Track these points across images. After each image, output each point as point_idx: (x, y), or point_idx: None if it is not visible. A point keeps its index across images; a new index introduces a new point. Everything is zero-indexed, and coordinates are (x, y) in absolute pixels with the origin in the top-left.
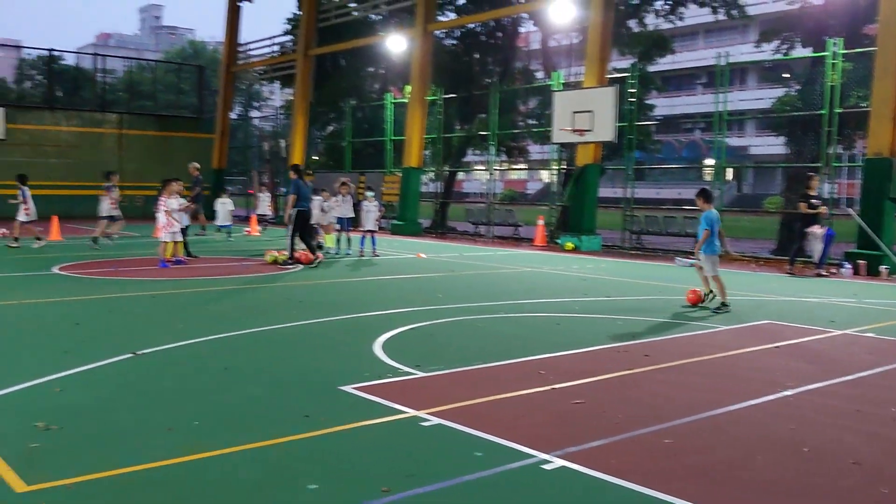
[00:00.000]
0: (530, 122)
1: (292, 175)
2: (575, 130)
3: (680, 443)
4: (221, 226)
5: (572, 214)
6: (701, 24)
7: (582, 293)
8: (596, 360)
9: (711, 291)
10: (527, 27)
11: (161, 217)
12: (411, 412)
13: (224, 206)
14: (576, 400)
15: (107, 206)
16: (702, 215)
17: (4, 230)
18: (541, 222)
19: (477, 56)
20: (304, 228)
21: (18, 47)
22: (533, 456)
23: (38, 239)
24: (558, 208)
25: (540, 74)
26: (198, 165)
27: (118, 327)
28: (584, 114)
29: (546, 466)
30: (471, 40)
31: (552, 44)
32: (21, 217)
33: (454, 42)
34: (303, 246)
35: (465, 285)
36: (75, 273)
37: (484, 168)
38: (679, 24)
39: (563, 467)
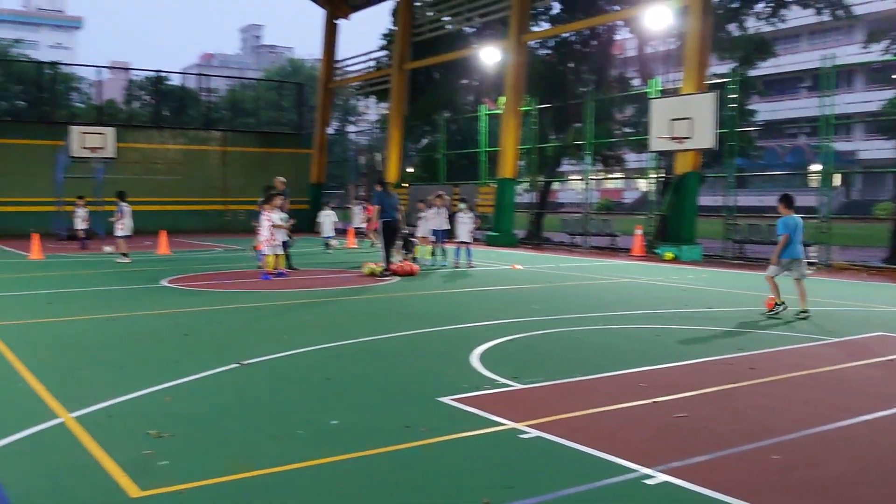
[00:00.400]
0: (627, 130)
1: (378, 187)
2: (673, 138)
3: (788, 458)
4: (327, 237)
5: (671, 224)
6: (804, 25)
7: (682, 304)
8: (698, 372)
9: (784, 302)
10: (622, 34)
11: (265, 231)
12: (510, 424)
13: (328, 218)
14: (678, 414)
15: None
16: (779, 220)
17: (111, 247)
18: (638, 232)
19: (571, 65)
20: (391, 239)
21: (127, 69)
22: (634, 470)
23: (125, 255)
24: (656, 217)
25: (636, 82)
26: (283, 179)
27: (224, 338)
28: (683, 121)
29: (648, 481)
30: (565, 49)
31: (648, 50)
32: (118, 232)
33: (548, 52)
34: (398, 258)
35: (561, 296)
36: (183, 286)
37: (579, 178)
38: (781, 26)
39: (667, 482)
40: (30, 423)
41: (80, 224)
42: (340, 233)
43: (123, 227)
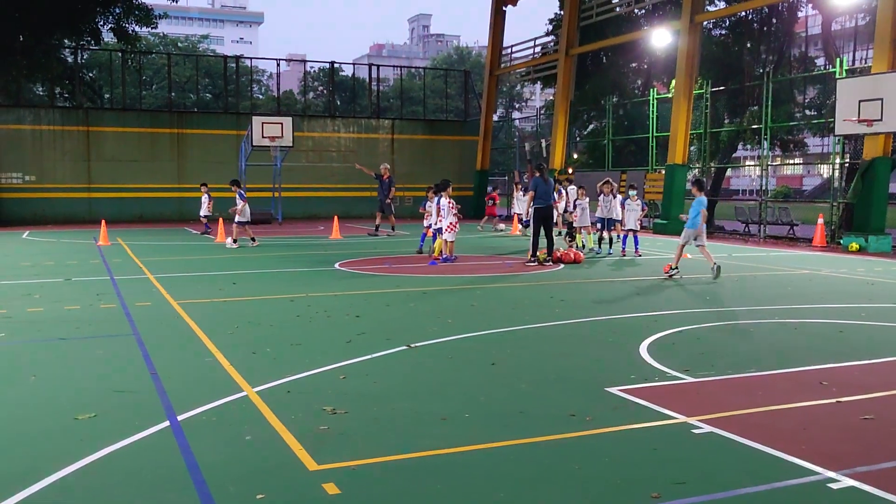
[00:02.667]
0: (808, 113)
1: (535, 173)
2: (861, 121)
3: None
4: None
5: (858, 212)
6: None
7: (868, 299)
8: (888, 372)
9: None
10: (805, 11)
11: (450, 217)
12: (681, 418)
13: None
14: (865, 415)
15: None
16: (695, 201)
17: (231, 241)
18: (820, 221)
19: (748, 45)
20: (545, 226)
21: (303, 61)
22: (817, 473)
23: (252, 240)
24: (841, 206)
25: (820, 61)
26: (387, 166)
27: (393, 320)
28: (873, 102)
29: (833, 485)
30: (741, 29)
31: (835, 27)
32: (237, 219)
33: (723, 32)
34: (562, 244)
35: (735, 288)
36: (354, 269)
37: (755, 163)
38: None
39: (853, 487)
40: (217, 396)
41: (204, 210)
42: (505, 220)
43: (241, 213)
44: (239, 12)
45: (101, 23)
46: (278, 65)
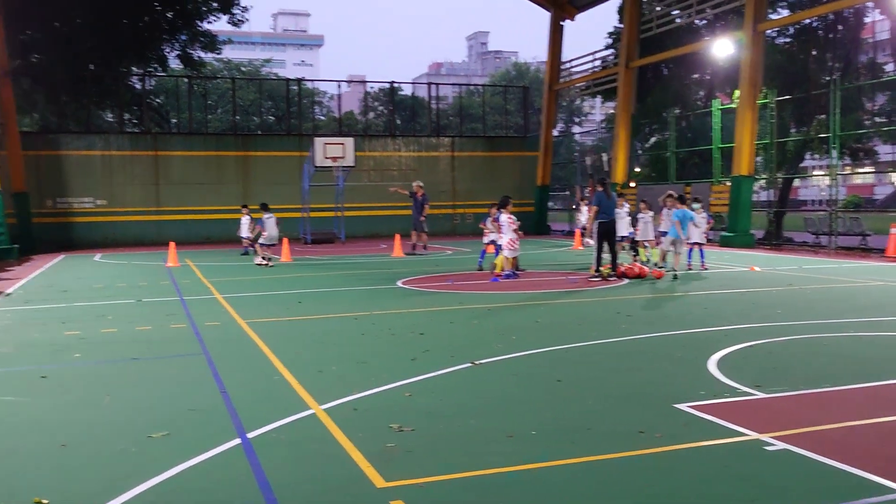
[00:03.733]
0: (878, 120)
1: (598, 188)
2: None
3: None
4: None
5: None
6: None
7: None
8: None
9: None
10: (872, 16)
11: (510, 233)
12: (753, 435)
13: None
14: None
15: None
16: (675, 212)
17: (262, 260)
18: (893, 231)
19: (814, 53)
20: (609, 240)
21: (364, 82)
22: None
23: (268, 261)
24: None
25: (889, 67)
26: (420, 184)
27: (458, 338)
28: None
29: None
30: (806, 36)
31: None
32: (261, 241)
33: (787, 40)
34: (626, 259)
35: (806, 300)
36: (416, 287)
37: (824, 173)
38: None
39: None
40: (285, 414)
41: (245, 232)
42: (566, 235)
43: (265, 236)
44: (300, 36)
45: (168, 50)
46: (339, 86)
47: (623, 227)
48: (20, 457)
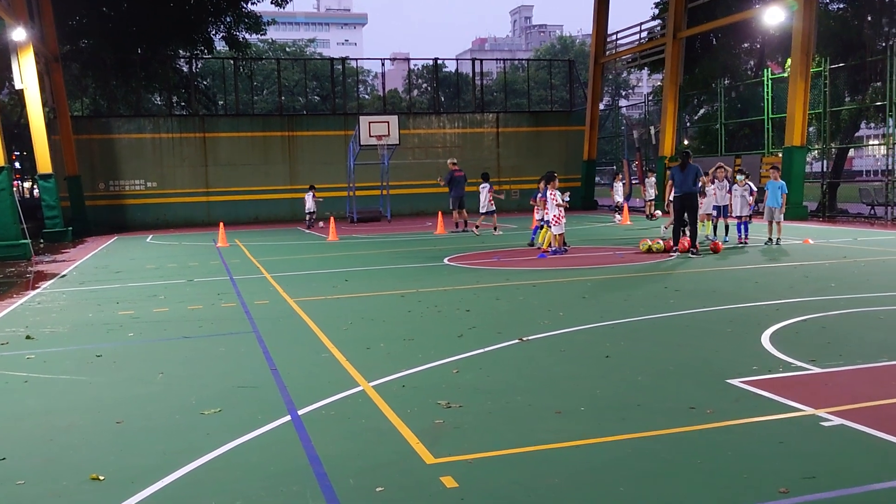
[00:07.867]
0: None
1: (674, 163)
2: None
3: None
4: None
5: None
6: None
7: None
8: None
9: None
10: None
11: (554, 209)
12: (809, 410)
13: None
14: None
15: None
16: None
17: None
18: None
19: (869, 18)
20: (689, 214)
21: (407, 59)
22: None
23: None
24: None
25: None
26: (455, 160)
27: (504, 314)
28: None
29: None
30: (861, 1)
31: None
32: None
33: (840, 6)
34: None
35: (861, 273)
36: (463, 264)
37: (880, 142)
38: None
39: None
40: (335, 391)
41: (310, 205)
42: (612, 209)
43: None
44: (343, 15)
45: (213, 32)
46: (383, 64)
47: (739, 206)
48: (77, 434)
